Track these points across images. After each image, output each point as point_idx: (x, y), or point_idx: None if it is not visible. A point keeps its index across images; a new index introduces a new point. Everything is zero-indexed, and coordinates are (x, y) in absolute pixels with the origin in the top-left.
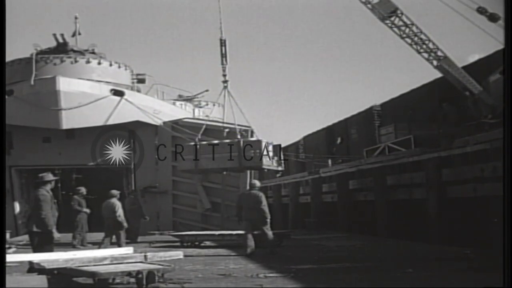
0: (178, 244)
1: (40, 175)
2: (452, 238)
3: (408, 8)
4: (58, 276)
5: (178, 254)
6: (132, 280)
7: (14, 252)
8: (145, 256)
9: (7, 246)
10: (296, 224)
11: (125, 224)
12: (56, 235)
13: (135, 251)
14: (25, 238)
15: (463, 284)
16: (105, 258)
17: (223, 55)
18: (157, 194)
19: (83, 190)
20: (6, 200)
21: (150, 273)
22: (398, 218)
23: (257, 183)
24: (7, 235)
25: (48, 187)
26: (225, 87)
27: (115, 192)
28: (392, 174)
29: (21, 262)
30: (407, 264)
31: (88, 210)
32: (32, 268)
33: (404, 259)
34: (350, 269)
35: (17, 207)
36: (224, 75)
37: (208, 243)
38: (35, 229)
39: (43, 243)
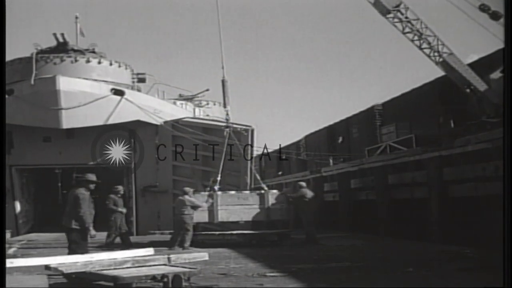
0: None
1: (80, 174)
2: (453, 238)
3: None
4: (77, 280)
5: (203, 255)
6: (149, 280)
7: (15, 252)
8: (169, 258)
9: (7, 246)
10: (296, 223)
11: (188, 225)
12: (92, 232)
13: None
14: (25, 237)
15: (463, 284)
16: (126, 261)
17: (227, 98)
18: (157, 193)
19: (120, 188)
20: (7, 199)
21: (176, 277)
22: (399, 217)
23: (304, 183)
24: (8, 235)
25: (88, 187)
26: (228, 130)
27: (187, 189)
28: (394, 173)
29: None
30: (407, 263)
31: (124, 210)
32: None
33: (404, 258)
34: (350, 268)
35: (17, 206)
36: (227, 119)
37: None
38: (73, 226)
39: (80, 239)
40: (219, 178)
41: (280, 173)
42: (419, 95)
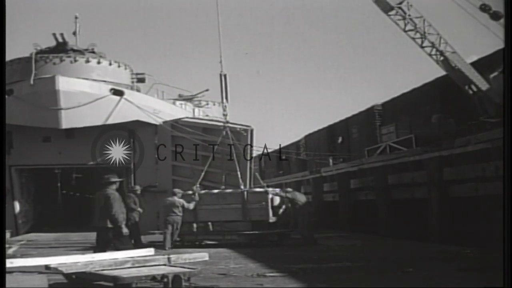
0: (178, 243)
1: (106, 176)
2: (453, 238)
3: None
4: (77, 280)
5: (203, 255)
6: (149, 280)
7: (14, 252)
8: (169, 259)
9: (7, 245)
10: (296, 223)
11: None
12: (125, 230)
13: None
14: (25, 237)
15: (463, 284)
16: (126, 261)
17: (224, 92)
18: (157, 193)
19: (137, 188)
20: (6, 199)
21: (176, 277)
22: (399, 218)
23: (289, 189)
24: (7, 235)
25: (114, 187)
26: (225, 128)
27: (176, 190)
28: (393, 173)
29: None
30: (407, 264)
31: (141, 210)
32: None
33: (404, 258)
34: (350, 268)
35: (17, 206)
36: (225, 115)
37: (208, 242)
38: (109, 225)
39: (119, 236)
40: (201, 177)
41: (281, 172)
42: (419, 95)
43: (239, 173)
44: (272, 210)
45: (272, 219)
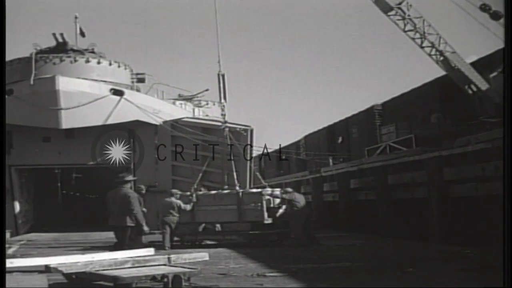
0: (178, 243)
1: (121, 174)
2: (453, 238)
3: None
4: (77, 280)
5: (203, 255)
6: (149, 280)
7: (15, 252)
8: (169, 259)
9: (7, 245)
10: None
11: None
12: (146, 228)
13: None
14: (24, 237)
15: (463, 284)
16: (126, 261)
17: (222, 92)
18: (156, 193)
19: (142, 187)
20: (6, 199)
21: (176, 277)
22: (399, 217)
23: (290, 189)
24: (7, 235)
25: (129, 185)
26: (225, 128)
27: (174, 191)
28: (393, 173)
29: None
30: (407, 264)
31: (145, 209)
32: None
33: (404, 258)
34: (350, 268)
35: (17, 206)
36: (223, 115)
37: (208, 242)
38: (129, 223)
39: (135, 235)
40: (199, 177)
41: (281, 172)
42: (418, 95)
43: (234, 173)
44: (268, 211)
45: (267, 220)
